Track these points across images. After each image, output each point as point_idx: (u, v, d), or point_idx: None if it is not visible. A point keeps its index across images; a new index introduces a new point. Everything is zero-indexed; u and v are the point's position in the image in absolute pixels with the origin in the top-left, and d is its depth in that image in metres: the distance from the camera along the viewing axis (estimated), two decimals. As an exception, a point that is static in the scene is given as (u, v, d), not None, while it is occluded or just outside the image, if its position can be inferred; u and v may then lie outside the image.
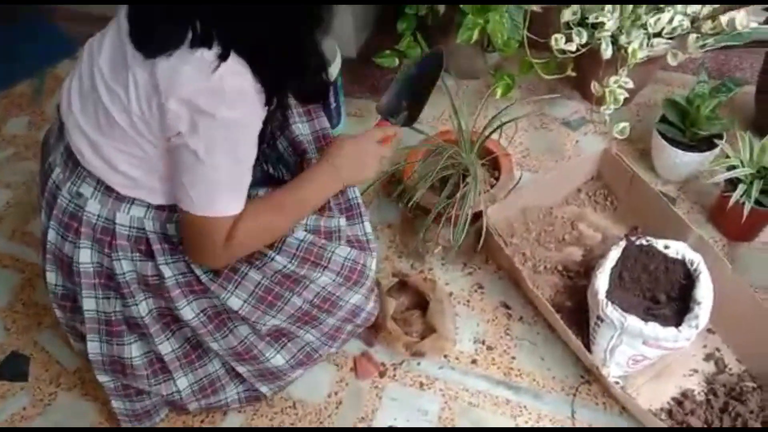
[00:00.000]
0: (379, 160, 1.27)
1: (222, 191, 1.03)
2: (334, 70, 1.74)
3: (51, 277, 1.23)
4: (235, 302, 1.17)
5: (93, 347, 1.24)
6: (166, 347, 1.25)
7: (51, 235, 1.17)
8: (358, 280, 1.24)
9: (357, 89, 2.03)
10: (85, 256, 1.14)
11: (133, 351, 1.24)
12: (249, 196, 1.27)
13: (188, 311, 1.19)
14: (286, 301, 1.20)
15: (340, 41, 1.87)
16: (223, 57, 0.94)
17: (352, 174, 1.23)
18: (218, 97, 0.95)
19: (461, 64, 1.98)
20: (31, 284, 1.66)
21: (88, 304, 1.19)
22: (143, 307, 1.19)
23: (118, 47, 1.03)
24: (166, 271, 1.14)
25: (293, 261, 1.18)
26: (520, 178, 1.68)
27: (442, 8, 1.70)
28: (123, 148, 1.06)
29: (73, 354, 1.47)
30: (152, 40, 0.96)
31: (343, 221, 1.24)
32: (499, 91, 1.76)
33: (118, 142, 1.05)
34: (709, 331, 1.42)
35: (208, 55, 0.93)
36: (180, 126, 0.97)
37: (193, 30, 0.94)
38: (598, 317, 1.32)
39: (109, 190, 1.10)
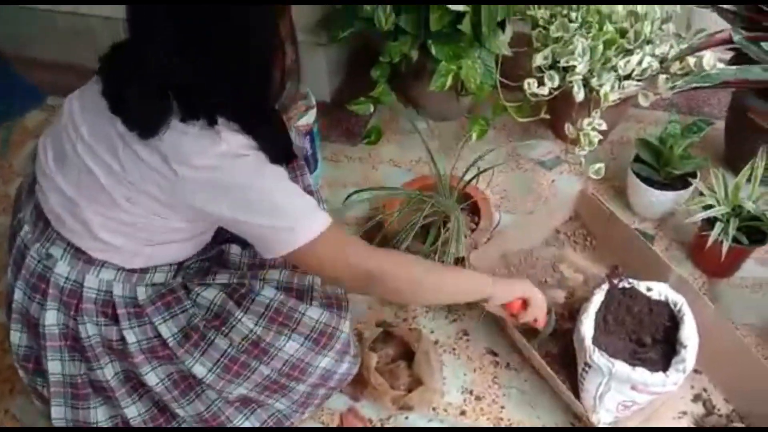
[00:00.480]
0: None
1: (304, 211, 1.04)
2: (309, 116, 1.73)
3: (15, 336, 1.20)
4: (200, 370, 1.15)
5: (57, 412, 1.20)
6: (133, 411, 1.21)
7: (18, 295, 1.15)
8: (327, 343, 1.20)
9: (332, 133, 2.03)
10: (51, 318, 1.12)
11: (99, 415, 1.21)
12: (222, 252, 1.25)
13: (152, 376, 1.16)
14: (252, 371, 1.17)
15: (313, 85, 1.87)
16: (211, 123, 0.96)
17: (501, 291, 1.26)
18: (230, 155, 0.97)
19: (435, 107, 1.99)
20: (2, 347, 1.60)
21: (54, 366, 1.16)
22: (108, 370, 1.16)
23: (102, 118, 1.01)
24: (130, 337, 1.12)
25: (260, 322, 1.15)
26: (499, 221, 1.69)
27: (415, 55, 1.71)
28: (109, 215, 1.04)
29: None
30: (141, 121, 0.97)
31: (318, 279, 1.22)
32: (474, 135, 1.77)
33: (104, 208, 1.04)
34: (695, 371, 1.42)
35: (200, 123, 0.96)
36: (210, 191, 0.98)
37: (177, 104, 0.96)
38: (586, 363, 1.31)
39: (79, 252, 1.08)
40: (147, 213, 1.03)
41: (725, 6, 1.60)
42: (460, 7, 1.57)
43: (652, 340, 1.35)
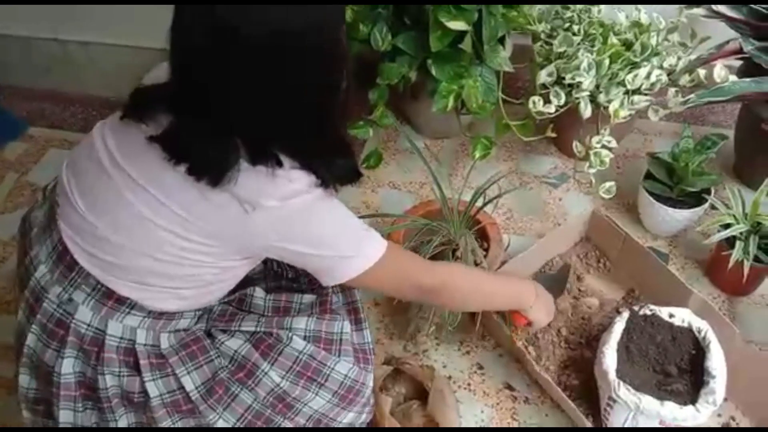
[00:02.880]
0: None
1: (361, 237, 1.05)
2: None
3: (24, 380, 1.11)
4: (222, 426, 1.08)
5: None
6: None
7: (31, 340, 1.06)
8: (354, 399, 1.15)
9: (328, 156, 1.95)
10: (68, 367, 1.04)
11: None
12: (246, 296, 1.19)
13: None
14: (276, 426, 1.11)
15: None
16: (279, 164, 0.95)
17: (543, 311, 1.33)
18: (297, 194, 0.96)
19: (434, 125, 1.93)
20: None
21: (65, 416, 1.08)
22: (122, 422, 1.09)
23: (152, 162, 0.95)
24: (153, 390, 1.05)
25: (288, 376, 1.09)
26: (508, 245, 1.62)
27: (414, 76, 1.64)
28: (160, 258, 0.98)
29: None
30: (210, 170, 0.92)
31: (347, 326, 1.16)
32: (477, 154, 1.70)
33: (152, 250, 0.98)
34: (722, 399, 1.37)
35: (269, 164, 0.94)
36: (280, 229, 0.97)
37: (244, 149, 0.93)
38: (611, 398, 1.25)
39: (106, 297, 1.01)
40: (202, 254, 0.98)
41: (734, 15, 1.54)
42: (461, 26, 1.50)
43: (677, 369, 1.29)
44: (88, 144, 1.03)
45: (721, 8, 1.55)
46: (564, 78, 1.56)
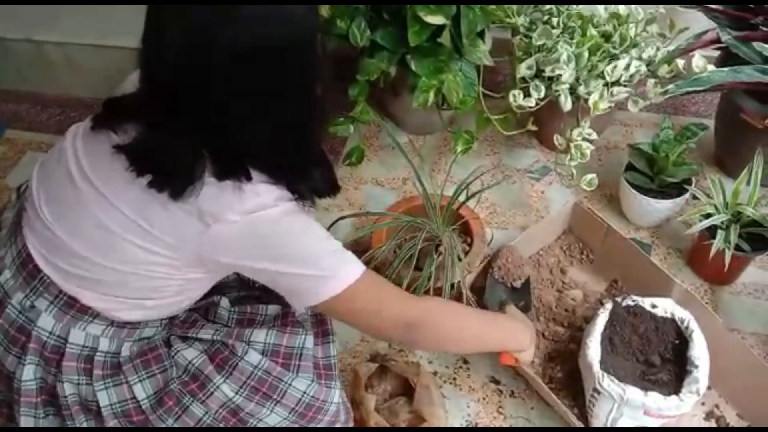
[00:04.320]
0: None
1: (337, 259, 0.99)
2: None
3: None
4: None
5: None
6: None
7: None
8: (314, 417, 1.10)
9: (309, 153, 1.94)
10: (29, 374, 1.03)
11: None
12: (211, 305, 1.16)
13: None
14: None
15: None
16: (248, 178, 0.91)
17: (533, 349, 1.28)
18: (265, 207, 0.92)
19: (415, 120, 1.92)
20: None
21: (26, 422, 1.06)
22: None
23: (117, 172, 0.92)
24: (103, 399, 1.03)
25: (242, 391, 1.06)
26: (491, 239, 1.62)
27: (393, 71, 1.63)
28: (120, 268, 0.96)
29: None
30: (174, 183, 0.90)
31: (310, 341, 1.11)
32: (459, 151, 1.70)
33: (117, 263, 0.95)
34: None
35: (238, 179, 0.91)
36: (245, 245, 0.93)
37: (212, 162, 0.90)
38: (595, 389, 1.25)
39: (68, 306, 1.00)
40: (167, 266, 0.96)
41: (711, 5, 1.55)
42: (440, 20, 1.49)
43: (660, 359, 1.30)
44: (59, 148, 1.02)
45: (699, -2, 1.55)
46: (544, 71, 1.56)
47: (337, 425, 1.16)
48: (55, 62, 2.07)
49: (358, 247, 1.62)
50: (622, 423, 1.26)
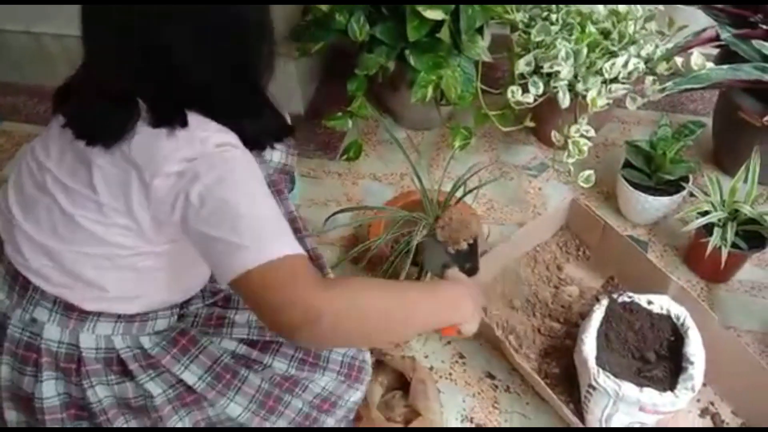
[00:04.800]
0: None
1: (267, 229, 0.86)
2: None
3: (11, 414, 1.06)
4: (235, 409, 1.05)
5: None
6: None
7: (5, 372, 1.02)
8: (359, 377, 1.16)
9: (308, 147, 1.94)
10: (50, 390, 1.00)
11: None
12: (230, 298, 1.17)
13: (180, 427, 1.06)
14: (286, 405, 1.10)
15: (285, 98, 1.78)
16: (183, 124, 0.87)
17: (478, 318, 1.07)
18: (210, 157, 0.86)
19: (414, 116, 1.92)
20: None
21: None
22: None
23: (68, 149, 0.93)
24: (154, 389, 1.02)
25: (292, 364, 1.10)
26: (488, 235, 1.63)
27: (392, 66, 1.63)
28: (91, 252, 0.94)
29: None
30: (102, 129, 0.88)
31: None
32: (456, 144, 1.70)
33: (84, 246, 0.93)
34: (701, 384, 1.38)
35: (169, 128, 0.87)
36: (179, 199, 0.86)
37: (148, 108, 0.87)
38: (590, 385, 1.26)
39: (68, 309, 0.97)
40: (127, 239, 0.93)
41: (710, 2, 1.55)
42: (439, 16, 1.49)
43: (656, 356, 1.30)
44: (39, 139, 1.02)
45: (699, -4, 1.55)
46: (542, 67, 1.56)
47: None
48: (53, 54, 2.06)
49: (356, 241, 1.63)
50: (617, 419, 1.26)
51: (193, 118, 0.89)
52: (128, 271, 0.96)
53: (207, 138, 0.87)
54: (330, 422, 1.17)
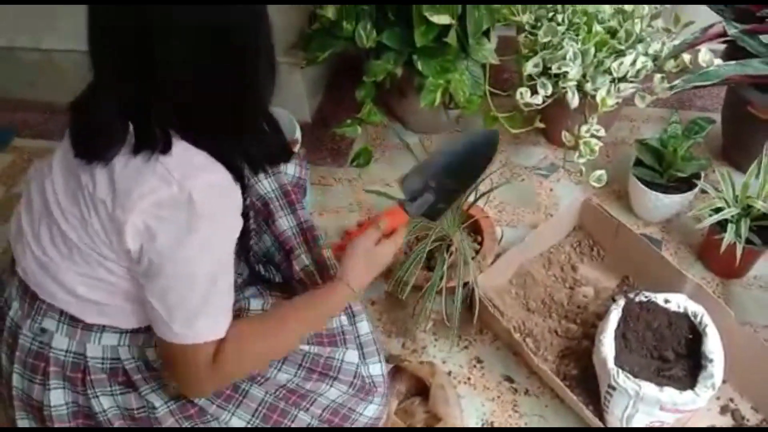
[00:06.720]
0: (389, 257, 1.12)
1: (201, 314, 0.91)
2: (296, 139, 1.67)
3: (24, 423, 1.08)
4: (237, 424, 1.06)
5: None
6: None
7: (16, 380, 1.04)
8: (373, 389, 1.15)
9: (317, 155, 1.95)
10: (57, 398, 1.02)
11: None
12: (236, 301, 1.18)
13: None
14: (292, 419, 1.09)
15: (293, 106, 1.79)
16: (164, 150, 0.85)
17: (363, 282, 1.10)
18: (178, 208, 0.85)
19: (422, 120, 1.92)
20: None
21: None
22: None
23: (70, 167, 0.94)
24: (156, 401, 1.03)
25: (299, 373, 1.09)
26: (501, 237, 1.63)
27: (400, 72, 1.64)
28: (82, 271, 0.95)
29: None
30: (87, 146, 0.89)
31: (344, 319, 1.16)
32: (467, 148, 1.70)
33: (77, 265, 0.95)
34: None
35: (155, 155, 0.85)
36: (139, 241, 0.87)
37: (134, 129, 0.86)
38: (610, 386, 1.26)
39: (74, 320, 0.99)
40: (113, 263, 0.94)
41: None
42: (446, 20, 1.50)
43: (675, 355, 1.30)
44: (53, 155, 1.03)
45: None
46: (550, 68, 1.56)
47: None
48: (64, 70, 2.08)
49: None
50: (637, 419, 1.26)
51: (180, 150, 0.87)
52: (120, 291, 0.98)
53: (185, 183, 0.85)
54: None
